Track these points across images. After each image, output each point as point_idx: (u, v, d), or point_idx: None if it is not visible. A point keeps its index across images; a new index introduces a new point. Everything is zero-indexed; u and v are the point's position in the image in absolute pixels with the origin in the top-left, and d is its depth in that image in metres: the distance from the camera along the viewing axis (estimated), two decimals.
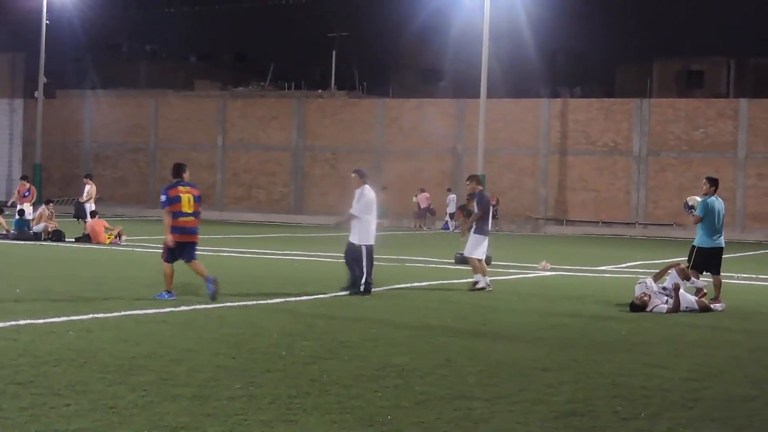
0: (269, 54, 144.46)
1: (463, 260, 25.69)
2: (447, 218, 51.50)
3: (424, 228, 51.69)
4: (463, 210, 50.75)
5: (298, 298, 16.81)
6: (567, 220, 53.25)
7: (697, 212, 17.84)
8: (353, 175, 18.52)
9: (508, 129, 55.04)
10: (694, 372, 10.69)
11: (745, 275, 24.63)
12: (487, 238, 19.65)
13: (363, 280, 17.76)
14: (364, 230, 18.00)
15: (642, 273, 22.17)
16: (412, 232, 47.88)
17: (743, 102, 52.60)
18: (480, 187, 20.12)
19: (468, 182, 20.50)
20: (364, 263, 17.78)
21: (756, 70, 79.79)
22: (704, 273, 17.93)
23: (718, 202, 17.93)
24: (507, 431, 7.85)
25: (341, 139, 59.07)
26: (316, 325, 13.55)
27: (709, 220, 17.74)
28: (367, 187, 18.22)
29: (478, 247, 19.51)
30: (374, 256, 18.21)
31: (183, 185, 16.42)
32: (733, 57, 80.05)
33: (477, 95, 52.21)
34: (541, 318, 15.27)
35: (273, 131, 60.79)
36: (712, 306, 16.78)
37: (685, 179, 51.67)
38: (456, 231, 49.77)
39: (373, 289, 17.86)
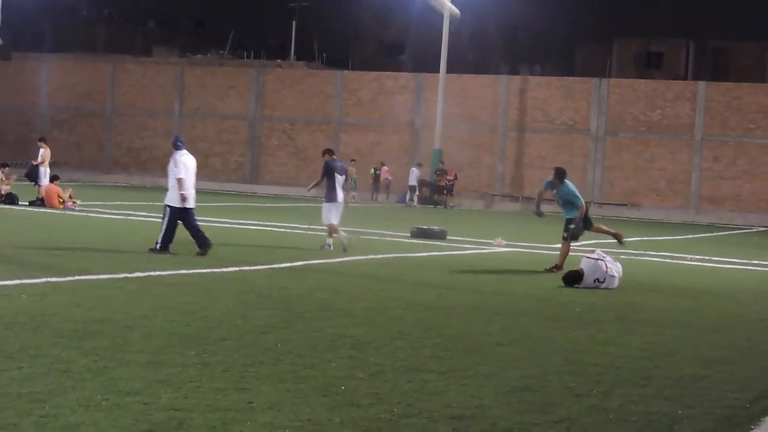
0: (229, 22, 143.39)
1: (420, 233, 25.87)
2: (408, 191, 51.41)
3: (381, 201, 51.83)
4: (431, 185, 51.00)
5: (253, 267, 16.78)
6: (523, 197, 53.36)
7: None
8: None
9: (467, 105, 55.09)
10: (647, 350, 10.79)
11: (698, 257, 24.86)
12: (333, 203, 21.11)
13: (159, 238, 18.38)
14: (174, 193, 18.87)
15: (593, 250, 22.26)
16: (368, 204, 47.85)
17: (701, 84, 52.98)
18: (333, 158, 21.58)
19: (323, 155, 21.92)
20: (164, 222, 18.56)
21: (715, 53, 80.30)
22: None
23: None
24: (460, 404, 7.87)
25: (299, 110, 58.83)
26: (272, 294, 13.53)
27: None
28: (181, 152, 19.08)
29: (328, 213, 21.12)
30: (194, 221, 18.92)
31: None
32: (692, 39, 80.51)
33: (437, 70, 52.23)
34: (496, 293, 15.34)
35: (230, 100, 60.42)
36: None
37: (641, 159, 52.06)
38: (414, 204, 50.05)
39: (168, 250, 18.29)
